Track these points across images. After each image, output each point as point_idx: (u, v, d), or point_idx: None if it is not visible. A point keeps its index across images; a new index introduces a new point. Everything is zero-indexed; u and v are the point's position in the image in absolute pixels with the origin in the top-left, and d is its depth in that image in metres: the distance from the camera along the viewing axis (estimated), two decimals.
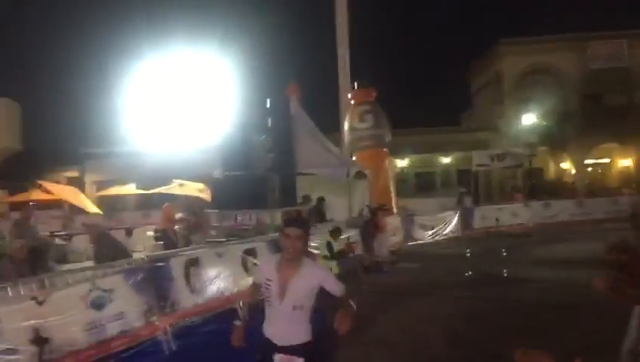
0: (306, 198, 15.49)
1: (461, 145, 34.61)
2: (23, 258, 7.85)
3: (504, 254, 13.90)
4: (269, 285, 3.58)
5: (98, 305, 6.33)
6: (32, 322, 5.43)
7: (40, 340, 5.41)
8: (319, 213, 14.36)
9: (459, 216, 19.74)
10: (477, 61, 41.44)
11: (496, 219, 20.42)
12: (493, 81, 38.20)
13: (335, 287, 3.62)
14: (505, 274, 11.86)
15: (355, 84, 21.45)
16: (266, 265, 3.75)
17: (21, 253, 7.86)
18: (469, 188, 27.94)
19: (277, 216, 13.82)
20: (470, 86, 44.98)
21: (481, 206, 22.64)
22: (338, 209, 15.28)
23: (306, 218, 4.01)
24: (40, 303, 5.60)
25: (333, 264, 10.34)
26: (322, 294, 3.62)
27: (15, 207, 22.26)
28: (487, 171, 32.65)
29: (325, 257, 10.48)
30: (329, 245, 10.60)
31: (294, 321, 3.59)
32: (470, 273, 12.15)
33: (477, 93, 43.46)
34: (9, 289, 5.63)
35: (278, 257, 3.66)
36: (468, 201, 21.35)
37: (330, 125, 20.27)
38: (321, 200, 14.96)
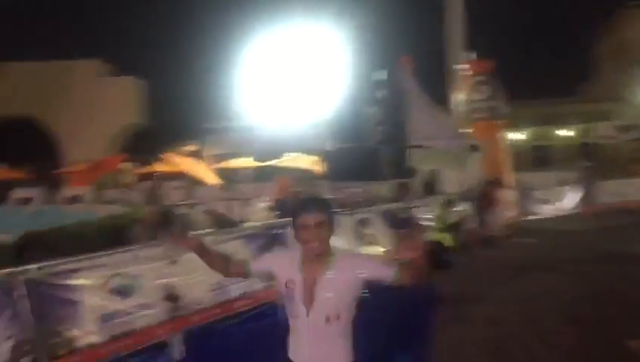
0: (413, 170, 15.33)
1: (581, 116, 32.64)
2: (154, 223, 8.49)
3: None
4: (291, 290, 2.71)
5: None
6: (165, 280, 5.88)
7: (172, 297, 5.86)
8: (431, 186, 14.21)
9: (580, 191, 18.71)
10: (600, 28, 38.67)
11: (622, 195, 19.15)
12: (619, 48, 35.51)
13: (386, 272, 2.64)
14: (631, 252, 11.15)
15: (470, 54, 20.79)
16: (283, 260, 2.85)
17: (152, 219, 8.52)
18: (592, 161, 26.36)
19: (388, 188, 13.85)
20: (591, 54, 42.14)
21: (604, 180, 21.25)
22: (451, 182, 15.02)
23: (324, 198, 3.13)
24: (172, 263, 6.03)
25: (448, 236, 10.25)
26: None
27: (142, 178, 23.95)
28: (611, 144, 30.59)
29: (439, 230, 10.41)
30: (442, 218, 10.50)
31: (330, 339, 2.69)
32: (590, 250, 11.55)
33: (599, 61, 40.64)
34: (144, 249, 6.13)
35: (298, 254, 2.74)
36: (591, 175, 20.12)
37: (441, 97, 19.86)
38: (433, 172, 14.78)
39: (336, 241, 8.47)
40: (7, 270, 4.79)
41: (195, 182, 22.18)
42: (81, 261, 5.28)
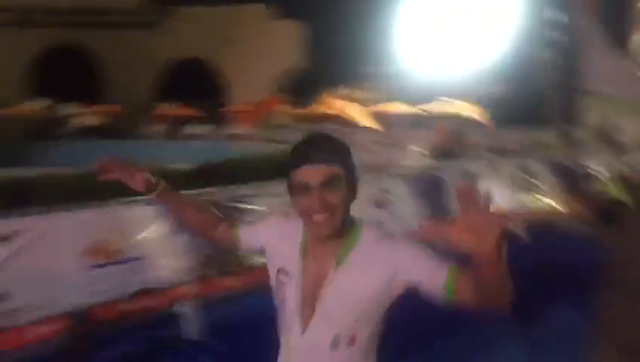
0: (584, 118, 14.23)
1: None
2: None
3: None
4: (283, 285, 1.71)
5: (380, 203, 6.82)
6: None
7: None
8: (605, 135, 13.13)
9: None
10: None
11: None
12: None
13: (430, 274, 1.52)
14: None
15: None
16: (282, 234, 1.79)
17: None
18: None
19: (555, 137, 13.01)
20: None
21: None
22: (629, 131, 13.72)
23: (338, 140, 1.66)
24: None
25: (622, 191, 9.48)
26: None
27: (300, 119, 24.79)
28: None
29: (612, 183, 9.66)
30: (617, 170, 9.71)
31: None
32: None
33: None
34: None
35: (301, 229, 1.71)
36: None
37: (622, 38, 18.00)
38: (608, 120, 13.59)
39: (495, 190, 8.22)
40: (189, 192, 5.26)
41: (349, 125, 22.48)
42: (255, 188, 5.63)
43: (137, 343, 4.40)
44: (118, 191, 5.48)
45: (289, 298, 1.68)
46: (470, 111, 18.74)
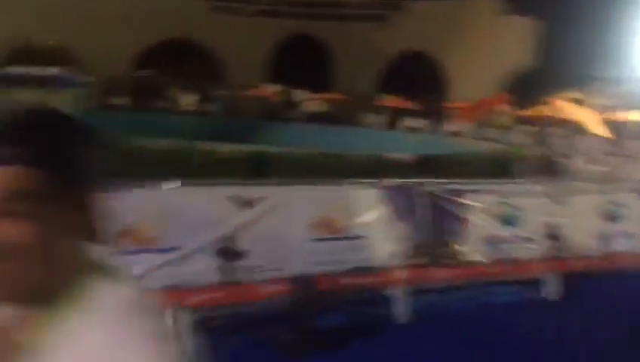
0: None
1: None
2: (540, 164, 8.52)
3: None
4: None
5: (610, 217, 6.34)
6: (549, 219, 5.82)
7: (554, 236, 5.78)
8: None
9: None
10: None
11: None
12: None
13: None
14: None
15: None
16: None
17: (538, 160, 8.56)
18: None
19: None
20: None
21: None
22: None
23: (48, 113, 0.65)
24: (558, 203, 5.93)
25: None
26: None
27: (523, 120, 23.74)
28: None
29: None
30: None
31: None
32: None
33: None
34: (530, 185, 6.19)
35: None
36: None
37: None
38: None
39: None
40: (410, 180, 5.43)
41: (578, 131, 20.94)
42: (472, 185, 5.62)
43: (348, 317, 4.70)
44: (348, 173, 5.90)
45: None
46: None
